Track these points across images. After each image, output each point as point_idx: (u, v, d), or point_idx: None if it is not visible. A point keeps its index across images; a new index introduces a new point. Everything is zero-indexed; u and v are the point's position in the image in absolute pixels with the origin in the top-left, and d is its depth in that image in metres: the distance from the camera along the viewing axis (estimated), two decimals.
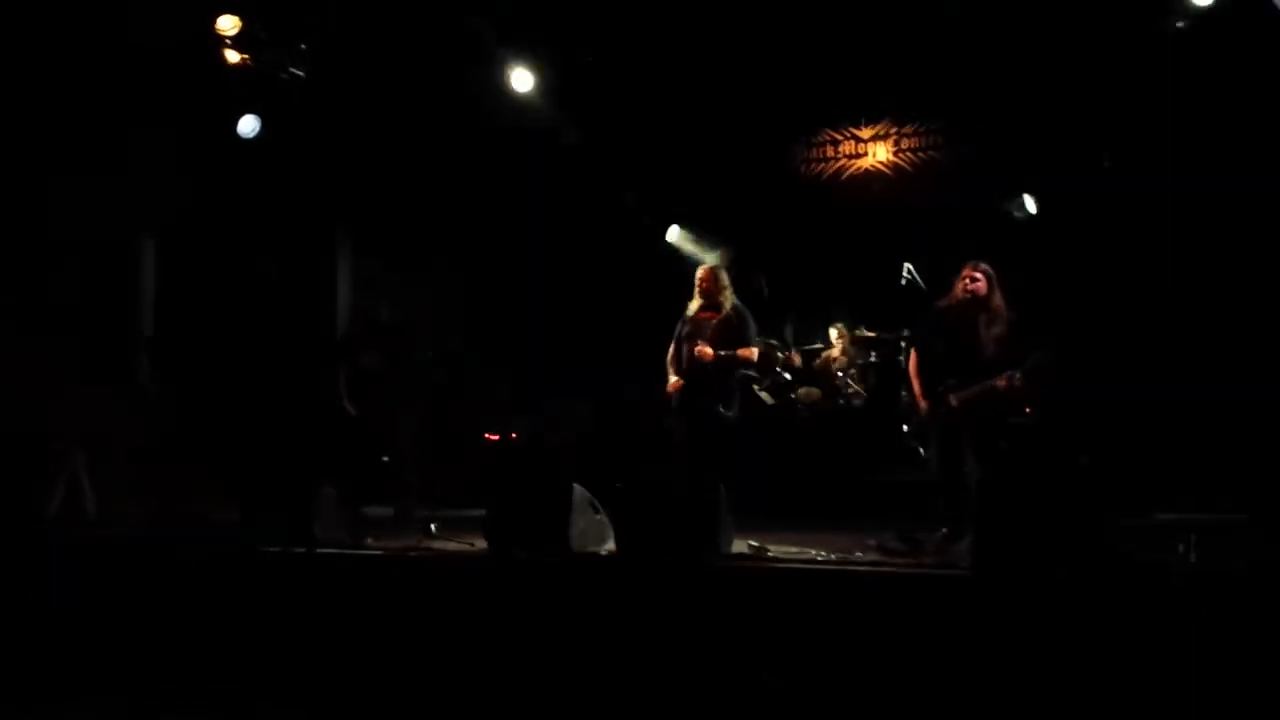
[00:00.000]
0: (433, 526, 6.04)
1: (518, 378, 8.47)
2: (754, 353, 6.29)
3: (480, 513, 5.61)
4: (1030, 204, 7.64)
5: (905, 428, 6.45)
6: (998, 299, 5.51)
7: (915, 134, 8.54)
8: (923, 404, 5.63)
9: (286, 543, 5.53)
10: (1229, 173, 6.63)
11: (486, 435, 8.25)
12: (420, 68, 7.95)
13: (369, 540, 5.96)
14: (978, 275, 5.50)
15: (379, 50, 7.89)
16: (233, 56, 7.21)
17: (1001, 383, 5.28)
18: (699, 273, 6.41)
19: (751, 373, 6.49)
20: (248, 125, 7.56)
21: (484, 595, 5.12)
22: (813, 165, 8.87)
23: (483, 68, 7.92)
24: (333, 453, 7.07)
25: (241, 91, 7.54)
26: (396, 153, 8.34)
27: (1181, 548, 4.58)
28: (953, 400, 5.44)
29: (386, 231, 8.59)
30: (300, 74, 7.83)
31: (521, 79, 7.86)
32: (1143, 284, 6.91)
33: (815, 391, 7.63)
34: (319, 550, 5.54)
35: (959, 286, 5.55)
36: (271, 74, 7.67)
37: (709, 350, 6.14)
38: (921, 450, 5.87)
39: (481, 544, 5.56)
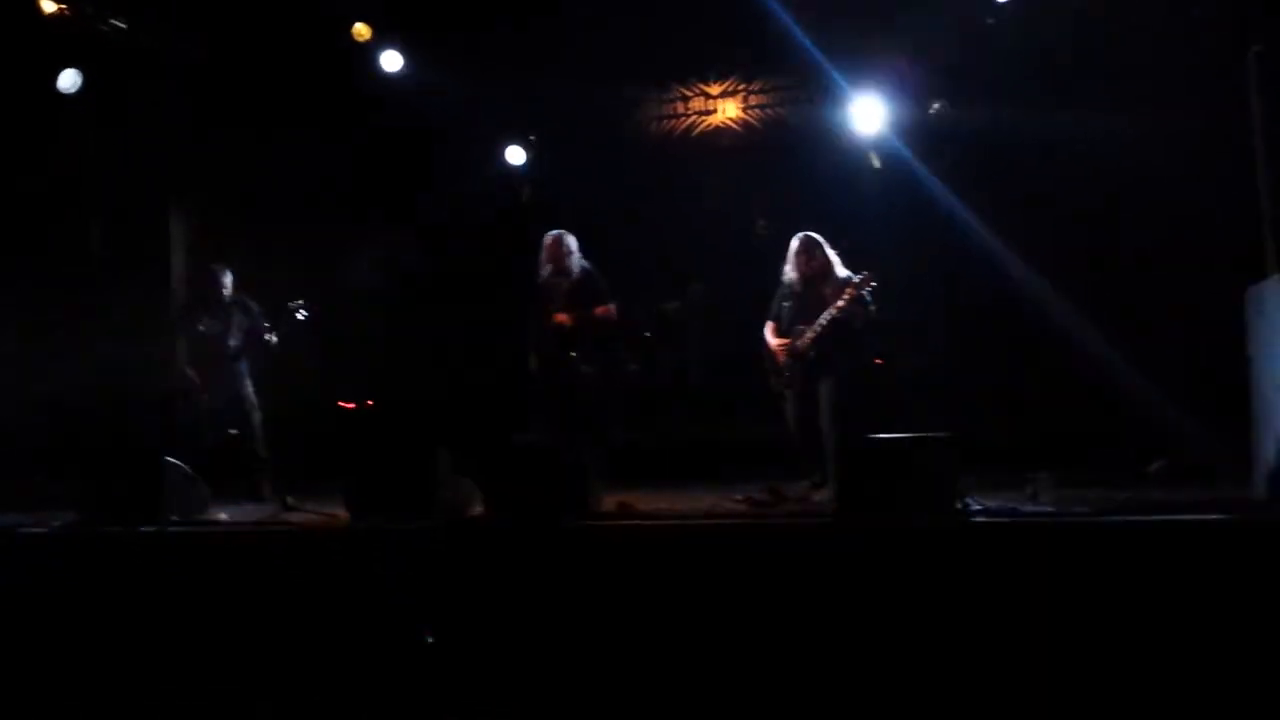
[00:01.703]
0: (288, 499, 5.83)
1: (377, 343, 8.20)
2: (611, 309, 6.32)
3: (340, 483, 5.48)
4: (876, 160, 7.82)
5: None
6: (830, 260, 5.95)
7: (764, 90, 8.61)
8: (778, 356, 5.94)
9: (133, 521, 5.26)
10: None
11: (341, 403, 8.00)
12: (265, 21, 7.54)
13: (222, 515, 5.73)
14: (805, 250, 5.97)
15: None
16: (49, 6, 6.70)
17: (840, 303, 5.66)
18: (545, 240, 6.43)
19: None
20: (67, 80, 7.05)
21: (347, 568, 4.99)
22: (663, 122, 8.84)
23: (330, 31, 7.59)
24: (179, 424, 6.78)
25: (61, 44, 7.02)
26: (238, 110, 7.92)
27: (1029, 490, 4.83)
28: (807, 337, 5.79)
29: (228, 192, 8.16)
30: (122, 25, 7.34)
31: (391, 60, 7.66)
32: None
33: None
34: (169, 528, 5.30)
35: (796, 263, 5.99)
36: (92, 25, 7.17)
37: (564, 317, 6.21)
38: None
39: (343, 514, 5.41)
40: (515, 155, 8.14)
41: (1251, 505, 4.53)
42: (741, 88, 8.61)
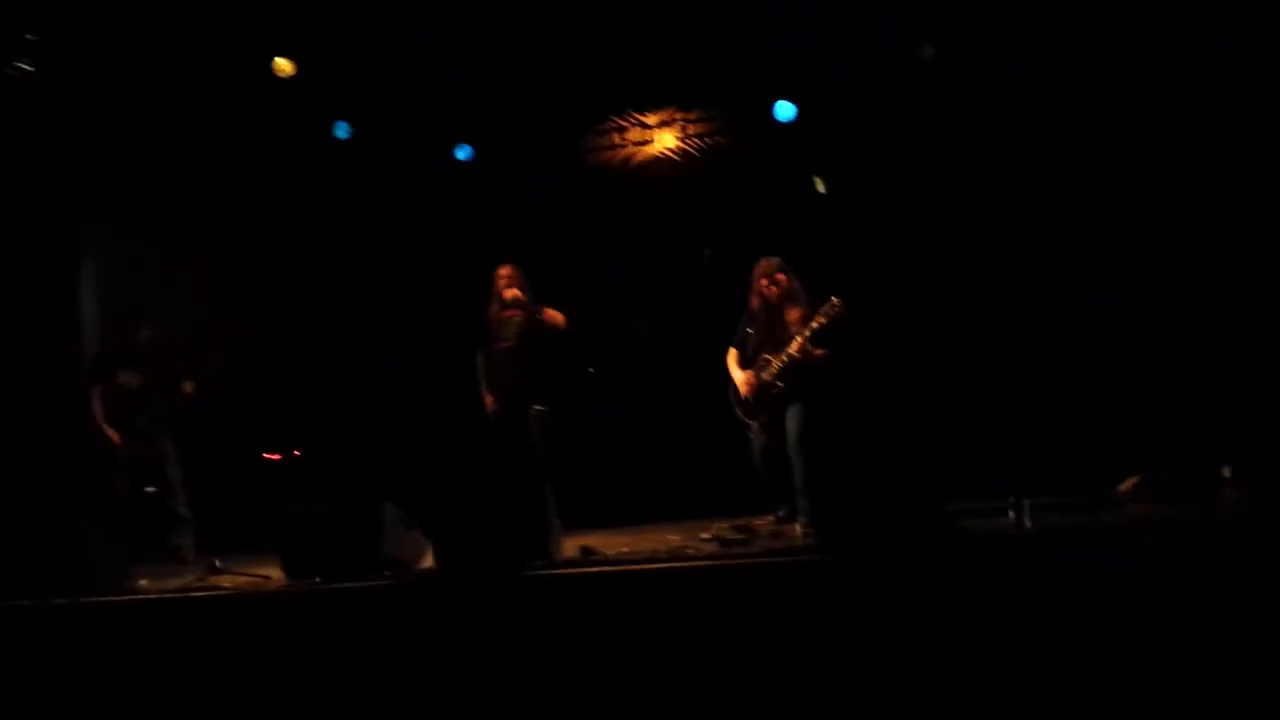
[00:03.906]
0: (216, 562, 5.38)
1: (303, 392, 7.74)
2: (558, 315, 6.09)
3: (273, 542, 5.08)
4: (820, 185, 7.68)
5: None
6: (792, 285, 5.83)
7: (700, 120, 8.44)
8: (745, 388, 5.76)
9: (45, 593, 4.77)
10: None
11: (266, 455, 7.52)
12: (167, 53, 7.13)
13: (143, 582, 5.26)
14: (767, 274, 5.83)
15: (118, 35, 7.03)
16: None
17: (807, 332, 5.53)
18: (497, 273, 6.20)
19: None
20: None
21: (285, 634, 4.58)
22: (600, 153, 8.62)
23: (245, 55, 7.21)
24: (93, 485, 6.28)
25: None
26: (150, 146, 7.48)
27: (1012, 515, 4.62)
28: (773, 367, 5.64)
29: (141, 233, 7.68)
30: (29, 68, 6.91)
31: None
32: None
33: None
34: (85, 599, 4.82)
35: (756, 286, 5.86)
36: None
37: (517, 292, 6.07)
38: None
39: (278, 576, 4.99)
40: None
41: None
42: (679, 117, 8.41)
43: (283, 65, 7.31)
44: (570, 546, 5.03)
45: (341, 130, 7.70)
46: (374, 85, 7.57)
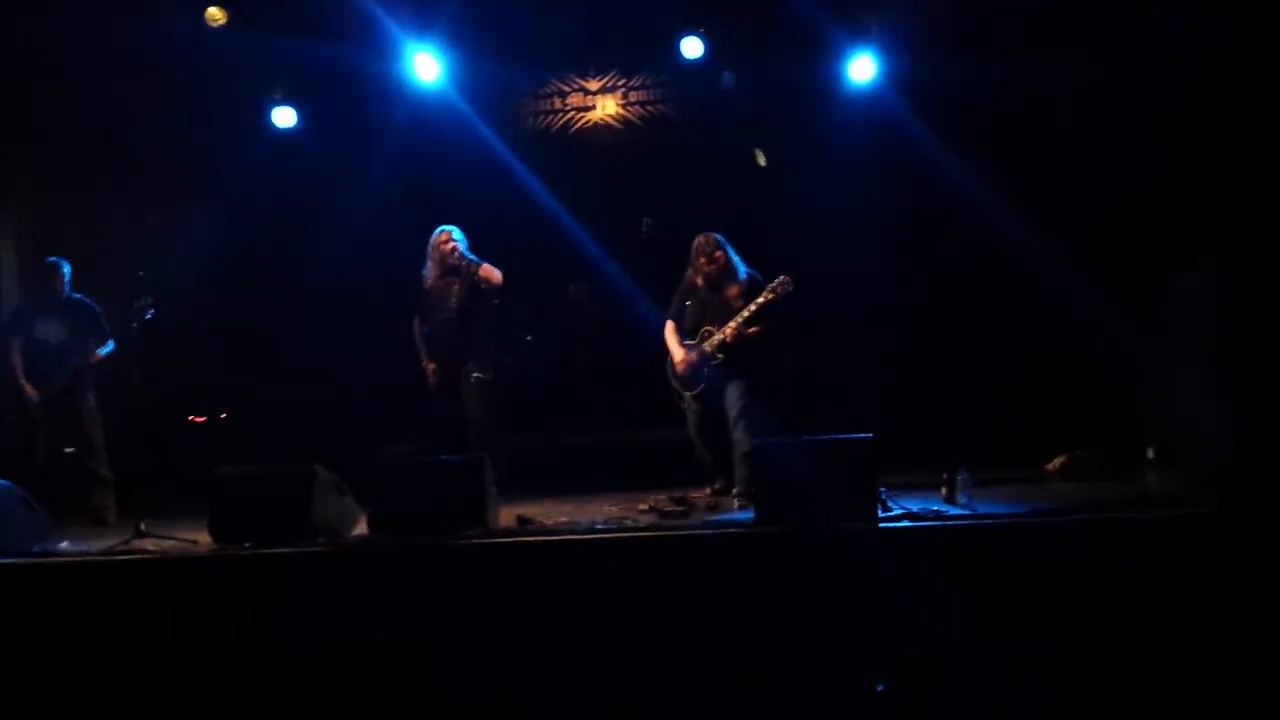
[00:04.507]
0: (142, 525, 5.22)
1: (232, 347, 7.54)
2: (494, 272, 5.96)
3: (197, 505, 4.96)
4: (761, 157, 7.69)
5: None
6: (731, 260, 5.74)
7: (644, 86, 8.36)
8: (681, 361, 5.69)
9: None
10: None
11: (191, 418, 7.33)
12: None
13: (64, 545, 5.10)
14: (706, 250, 5.72)
15: None
16: None
17: (752, 307, 5.49)
18: (438, 239, 6.03)
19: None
20: None
21: (211, 600, 4.49)
22: (540, 118, 8.50)
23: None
24: (9, 445, 6.06)
25: None
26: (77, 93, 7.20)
27: (944, 490, 4.70)
28: (714, 339, 5.59)
29: (62, 182, 7.40)
30: None
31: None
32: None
33: None
34: (2, 560, 4.67)
35: (698, 261, 5.76)
36: None
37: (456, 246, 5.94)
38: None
39: (205, 541, 4.87)
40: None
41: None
42: (621, 83, 8.32)
43: (214, 14, 7.10)
44: (508, 515, 5.00)
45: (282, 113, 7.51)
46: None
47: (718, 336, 5.56)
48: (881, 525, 4.20)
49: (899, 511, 4.34)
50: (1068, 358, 6.37)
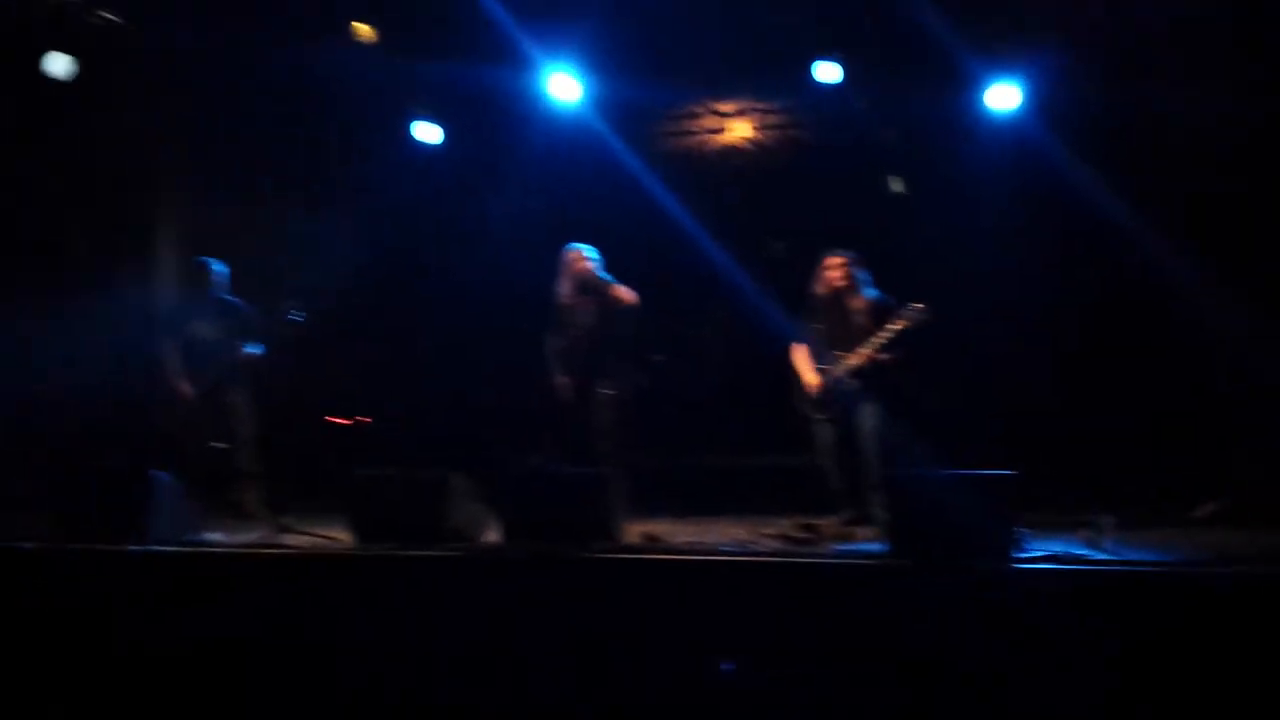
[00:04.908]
0: (284, 520, 5.43)
1: (378, 354, 7.80)
2: (627, 293, 6.04)
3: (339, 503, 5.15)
4: (896, 184, 7.61)
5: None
6: (857, 280, 5.80)
7: (777, 110, 8.38)
8: (814, 386, 5.70)
9: (119, 540, 4.87)
10: None
11: (330, 419, 7.58)
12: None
13: (212, 536, 5.34)
14: (834, 266, 5.82)
15: None
16: None
17: (887, 331, 5.50)
18: (565, 256, 6.14)
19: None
20: (58, 64, 6.63)
21: (350, 595, 4.64)
22: (673, 140, 8.58)
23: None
24: (164, 438, 6.36)
25: (53, 28, 6.62)
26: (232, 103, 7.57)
27: (1087, 534, 4.56)
28: (849, 362, 5.61)
29: (220, 189, 7.77)
30: (114, 18, 6.97)
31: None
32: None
33: None
34: (156, 548, 4.91)
35: (823, 278, 5.85)
36: (84, 15, 6.80)
37: (589, 267, 6.02)
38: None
39: (346, 538, 5.05)
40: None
41: None
42: (755, 107, 8.35)
43: (362, 29, 7.34)
44: (635, 532, 5.05)
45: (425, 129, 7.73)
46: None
47: (851, 361, 5.54)
48: (1019, 566, 4.11)
49: (1042, 554, 4.22)
50: (1220, 397, 6.14)
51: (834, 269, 5.79)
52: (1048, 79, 6.82)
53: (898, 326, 5.43)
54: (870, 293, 5.75)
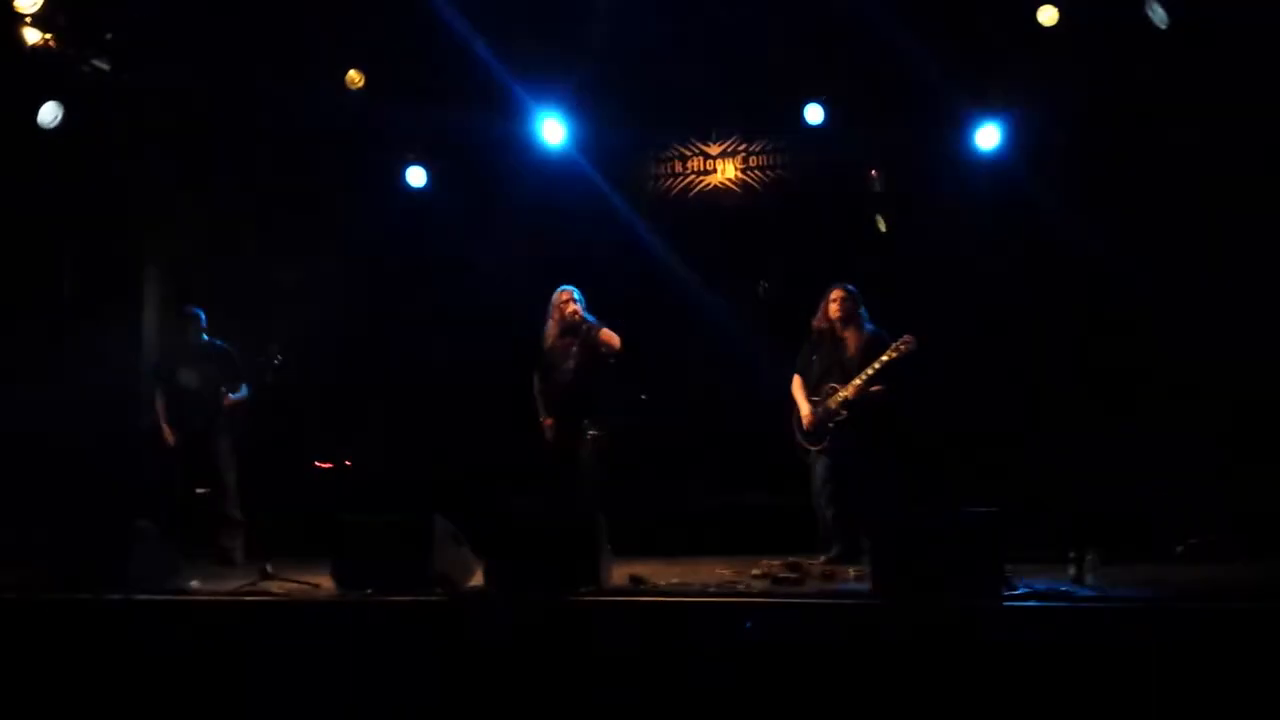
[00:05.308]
0: (268, 566, 5.38)
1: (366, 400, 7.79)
2: (613, 336, 6.09)
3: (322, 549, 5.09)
4: (882, 224, 7.64)
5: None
6: (859, 314, 5.92)
7: (764, 151, 8.44)
8: (808, 417, 5.79)
9: (98, 589, 4.81)
10: None
11: (318, 463, 7.55)
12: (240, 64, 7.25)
13: (194, 584, 5.28)
14: (834, 299, 5.94)
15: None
16: (32, 36, 6.34)
17: (878, 364, 5.62)
18: (558, 298, 6.18)
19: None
20: (48, 114, 6.67)
21: (332, 643, 4.58)
22: (661, 181, 8.63)
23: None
24: (147, 484, 6.33)
25: (43, 77, 6.66)
26: (216, 154, 7.61)
27: (1073, 569, 4.54)
28: (840, 395, 5.70)
29: (207, 241, 7.79)
30: (105, 66, 7.02)
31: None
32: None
33: None
34: (137, 596, 4.85)
35: (825, 309, 5.96)
36: (74, 64, 6.84)
37: (577, 309, 6.08)
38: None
39: (328, 584, 4.99)
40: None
41: None
42: (742, 148, 8.41)
43: (353, 77, 7.41)
44: (620, 574, 5.00)
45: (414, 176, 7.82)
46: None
47: (841, 393, 5.64)
48: (1006, 604, 4.07)
49: (1025, 590, 4.19)
50: (1199, 432, 6.14)
51: (833, 302, 5.90)
52: (1030, 120, 6.90)
53: (885, 359, 5.51)
54: (867, 327, 5.85)
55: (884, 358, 5.55)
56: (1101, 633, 3.89)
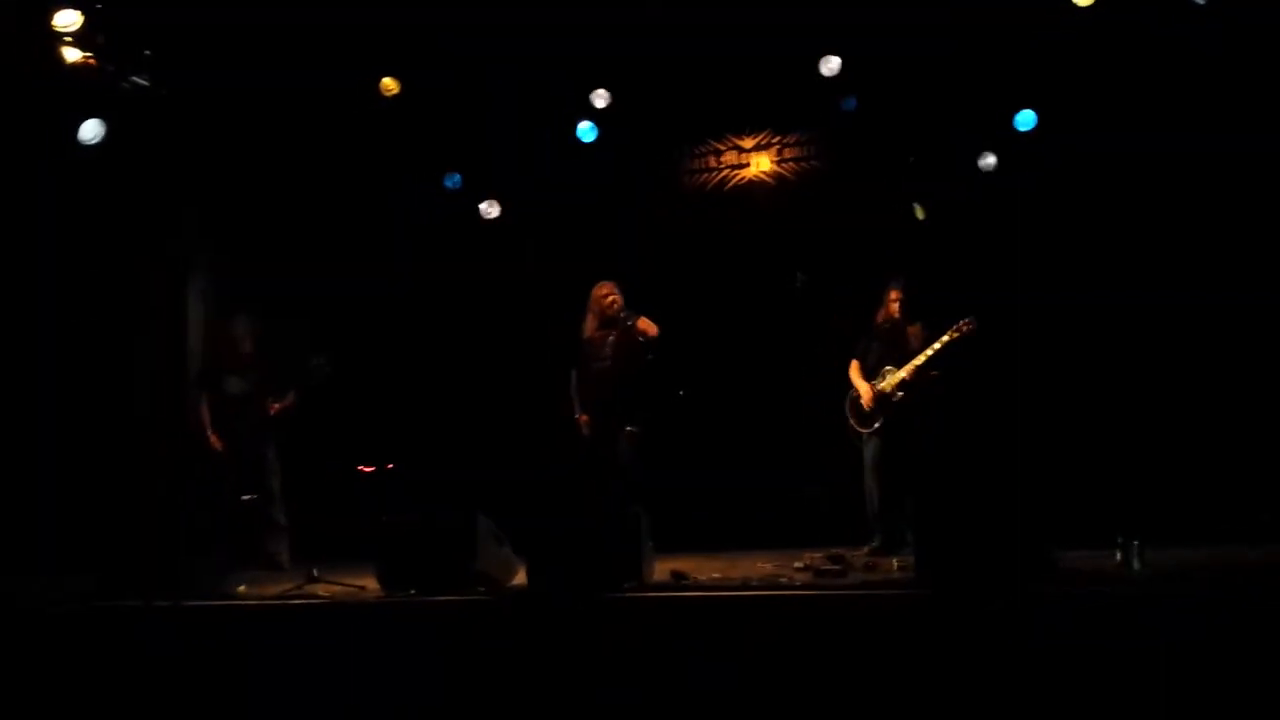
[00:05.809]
0: (314, 571, 5.43)
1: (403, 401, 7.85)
2: (651, 325, 6.08)
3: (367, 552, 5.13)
4: (920, 211, 7.57)
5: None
6: (912, 308, 6.10)
7: (798, 143, 8.39)
8: (867, 396, 5.94)
9: (146, 595, 4.89)
10: None
11: (360, 467, 7.60)
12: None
13: (241, 589, 5.35)
14: (896, 297, 6.17)
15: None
16: (72, 55, 6.45)
17: (935, 346, 5.77)
18: (598, 291, 6.20)
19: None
20: (90, 130, 6.78)
21: (379, 644, 4.62)
22: (695, 176, 8.62)
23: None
24: (195, 491, 6.41)
25: (83, 94, 6.77)
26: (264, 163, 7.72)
27: (1119, 556, 4.46)
28: (893, 378, 5.87)
29: (248, 249, 7.89)
30: (144, 83, 7.13)
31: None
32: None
33: None
34: (185, 603, 4.92)
35: (889, 305, 6.16)
36: (114, 81, 6.96)
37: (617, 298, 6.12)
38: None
39: (373, 586, 5.04)
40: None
41: None
42: (775, 140, 8.37)
43: (388, 84, 7.46)
44: (662, 570, 5.00)
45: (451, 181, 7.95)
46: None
47: (899, 374, 5.78)
48: (1047, 591, 4.01)
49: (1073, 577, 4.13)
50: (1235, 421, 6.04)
51: (894, 301, 6.10)
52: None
53: (948, 338, 5.66)
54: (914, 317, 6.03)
55: (945, 338, 5.69)
56: (1150, 623, 3.83)
